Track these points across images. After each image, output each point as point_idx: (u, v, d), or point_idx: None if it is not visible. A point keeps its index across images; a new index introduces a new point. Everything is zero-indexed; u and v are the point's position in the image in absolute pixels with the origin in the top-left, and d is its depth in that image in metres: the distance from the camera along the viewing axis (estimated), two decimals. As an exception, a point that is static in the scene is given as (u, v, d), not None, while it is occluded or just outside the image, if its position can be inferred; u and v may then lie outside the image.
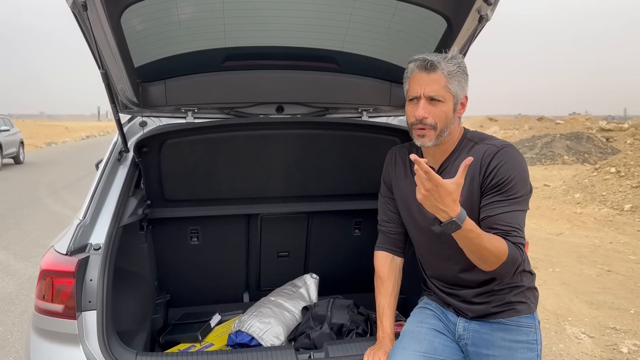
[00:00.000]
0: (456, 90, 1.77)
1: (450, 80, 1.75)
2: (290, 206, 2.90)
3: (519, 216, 1.72)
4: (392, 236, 2.10)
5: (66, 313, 1.88)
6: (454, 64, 1.75)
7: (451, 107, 1.78)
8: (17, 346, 3.96)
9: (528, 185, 1.77)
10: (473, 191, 1.79)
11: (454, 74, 1.75)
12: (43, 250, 6.24)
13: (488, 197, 1.76)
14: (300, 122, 2.65)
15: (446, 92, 1.76)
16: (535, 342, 1.86)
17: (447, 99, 1.77)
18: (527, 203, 1.76)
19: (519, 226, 1.71)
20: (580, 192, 11.04)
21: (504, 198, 1.73)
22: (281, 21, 2.30)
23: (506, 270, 1.71)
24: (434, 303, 2.06)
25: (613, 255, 6.77)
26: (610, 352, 3.95)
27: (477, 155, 1.78)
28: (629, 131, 21.11)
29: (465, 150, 1.84)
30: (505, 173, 1.72)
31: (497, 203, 1.74)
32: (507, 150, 1.77)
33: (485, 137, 1.87)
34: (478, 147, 1.82)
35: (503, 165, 1.73)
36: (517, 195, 1.72)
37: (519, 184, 1.72)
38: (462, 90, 1.79)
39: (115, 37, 2.04)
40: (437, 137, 1.79)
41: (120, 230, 2.19)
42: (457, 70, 1.75)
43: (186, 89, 2.51)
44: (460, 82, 1.77)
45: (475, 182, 1.78)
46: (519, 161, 1.77)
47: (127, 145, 2.45)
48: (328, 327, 2.39)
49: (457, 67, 1.76)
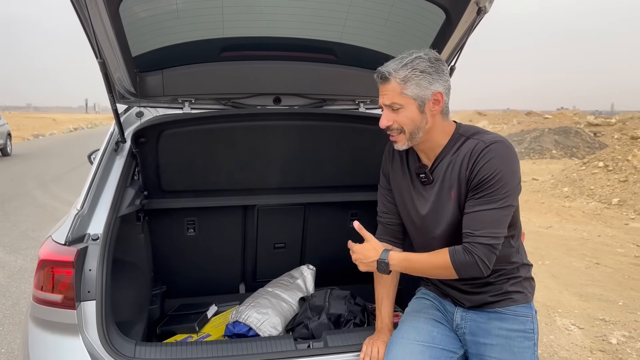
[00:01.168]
0: (415, 92, 1.77)
1: (406, 85, 1.77)
2: (287, 197, 2.91)
3: (494, 214, 1.72)
4: (391, 227, 2.12)
5: (65, 303, 1.87)
6: (407, 69, 1.76)
7: (415, 110, 1.79)
8: (9, 338, 3.93)
9: (514, 181, 1.74)
10: (463, 186, 1.80)
11: (409, 78, 1.76)
12: (32, 243, 6.20)
13: (470, 192, 1.77)
14: (297, 114, 2.65)
15: (402, 98, 1.78)
16: (532, 331, 1.89)
17: (407, 104, 1.78)
18: (510, 201, 1.73)
19: (487, 225, 1.71)
20: (569, 186, 11.15)
21: (481, 196, 1.73)
22: (280, 12, 2.30)
23: (468, 274, 1.75)
24: (432, 293, 2.09)
25: (601, 248, 6.86)
26: (600, 343, 4.01)
27: (466, 150, 1.79)
28: (616, 126, 21.31)
29: (457, 145, 1.84)
30: (490, 170, 1.72)
31: (473, 201, 1.75)
32: (494, 147, 1.75)
33: (477, 132, 1.85)
34: (469, 141, 1.81)
35: (487, 163, 1.72)
36: (497, 193, 1.71)
37: (501, 182, 1.71)
38: (426, 89, 1.77)
39: (114, 26, 2.02)
40: (409, 139, 1.85)
41: (118, 221, 2.18)
42: (411, 75, 1.76)
43: (183, 79, 2.50)
44: (420, 83, 1.76)
45: (463, 177, 1.79)
46: (506, 158, 1.74)
47: (124, 136, 2.44)
48: (326, 318, 2.40)
49: (412, 70, 1.76)
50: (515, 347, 1.85)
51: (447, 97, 1.82)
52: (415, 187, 1.95)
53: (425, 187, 1.91)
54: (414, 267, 1.85)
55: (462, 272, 1.75)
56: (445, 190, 1.84)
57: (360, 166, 2.84)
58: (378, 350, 1.93)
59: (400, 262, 1.86)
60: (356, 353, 1.98)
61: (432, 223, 1.90)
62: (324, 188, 2.92)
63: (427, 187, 1.91)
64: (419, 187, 1.94)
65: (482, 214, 1.72)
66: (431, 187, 1.89)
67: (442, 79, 1.79)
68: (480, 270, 1.73)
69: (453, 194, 1.82)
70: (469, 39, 2.38)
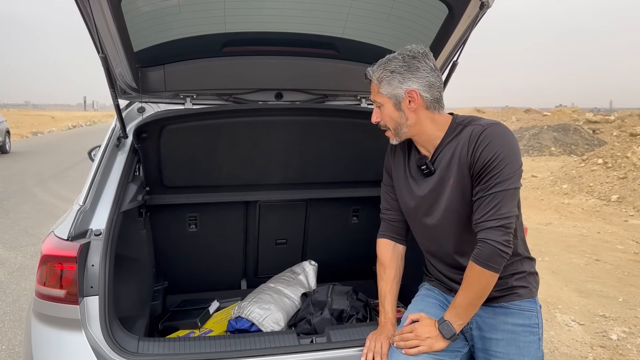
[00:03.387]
0: (388, 91, 1.85)
1: (380, 85, 1.87)
2: (289, 193, 2.90)
3: (501, 196, 1.71)
4: (394, 224, 2.12)
5: (68, 298, 1.86)
6: (379, 70, 1.86)
7: (391, 108, 1.87)
8: (10, 335, 3.93)
9: (516, 162, 1.75)
10: (463, 171, 1.80)
11: (382, 79, 1.85)
12: (32, 240, 6.19)
13: (476, 180, 1.77)
14: (299, 109, 2.64)
15: (379, 96, 1.88)
16: (537, 325, 1.89)
17: (383, 102, 1.88)
18: (514, 181, 1.73)
19: (494, 208, 1.71)
20: (568, 183, 11.16)
21: (486, 181, 1.74)
22: (281, 7, 2.29)
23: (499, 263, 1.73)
24: (436, 289, 2.08)
25: (601, 244, 6.87)
26: (600, 339, 4.01)
27: (465, 136, 1.81)
28: (615, 123, 21.32)
29: (454, 134, 1.86)
30: (490, 152, 1.72)
31: (479, 187, 1.76)
32: (492, 128, 1.77)
33: (474, 119, 1.87)
34: (466, 129, 1.83)
35: (487, 146, 1.73)
36: (501, 175, 1.71)
37: (503, 162, 1.71)
38: (397, 88, 1.83)
39: (116, 21, 2.01)
40: (396, 135, 1.93)
41: (120, 217, 2.18)
42: (383, 75, 1.85)
43: (185, 74, 2.49)
44: (391, 83, 1.83)
45: (463, 162, 1.79)
46: (505, 138, 1.75)
47: (126, 131, 2.43)
48: (329, 313, 2.40)
49: (383, 71, 1.85)
50: (520, 342, 1.86)
51: (427, 93, 1.83)
52: (417, 179, 1.96)
53: (427, 178, 1.92)
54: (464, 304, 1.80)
55: (494, 265, 1.72)
56: (445, 178, 1.85)
57: (362, 162, 2.84)
58: (382, 345, 1.92)
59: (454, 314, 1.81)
60: (359, 348, 1.97)
61: (433, 213, 1.91)
62: (326, 184, 2.92)
63: (428, 178, 1.91)
64: (421, 180, 1.95)
65: (487, 199, 1.73)
66: (432, 178, 1.90)
67: (416, 77, 1.82)
68: (504, 252, 1.71)
69: (452, 181, 1.83)
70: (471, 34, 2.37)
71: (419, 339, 1.83)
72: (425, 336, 1.82)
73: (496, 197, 1.71)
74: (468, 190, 1.81)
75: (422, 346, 1.81)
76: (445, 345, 1.82)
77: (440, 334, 1.81)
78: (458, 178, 1.81)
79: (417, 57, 1.83)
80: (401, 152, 2.05)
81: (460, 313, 1.81)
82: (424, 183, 1.92)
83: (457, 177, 1.81)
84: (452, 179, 1.82)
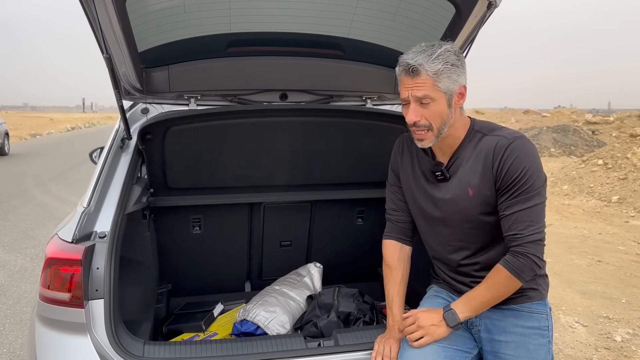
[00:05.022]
0: (447, 86, 1.73)
1: (438, 78, 1.71)
2: (294, 195, 2.88)
3: (534, 211, 1.71)
4: (400, 225, 2.09)
5: (73, 302, 1.84)
6: (439, 62, 1.71)
7: (444, 104, 1.74)
8: (10, 338, 3.90)
9: (542, 175, 1.75)
10: (485, 183, 1.77)
11: (441, 71, 1.71)
12: (32, 242, 6.14)
13: (504, 194, 1.75)
14: (304, 110, 2.62)
15: (435, 91, 1.72)
16: (547, 328, 1.87)
17: (438, 97, 1.73)
18: (542, 194, 1.74)
19: (531, 222, 1.71)
20: (568, 184, 11.15)
21: (516, 196, 1.72)
22: (287, 7, 2.27)
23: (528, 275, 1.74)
24: (445, 291, 2.06)
25: (602, 245, 6.85)
26: (605, 341, 4.00)
27: (487, 147, 1.77)
28: (614, 124, 21.34)
29: (473, 141, 1.82)
30: (518, 167, 1.71)
31: (509, 201, 1.73)
32: (518, 142, 1.74)
33: (494, 128, 1.83)
34: (488, 138, 1.79)
35: (515, 159, 1.71)
36: (531, 189, 1.71)
37: (532, 177, 1.71)
38: (455, 82, 1.74)
39: (120, 21, 1.99)
40: (436, 136, 1.79)
41: (125, 219, 2.16)
42: (443, 68, 1.71)
43: (190, 75, 2.47)
44: (451, 76, 1.72)
45: (487, 175, 1.76)
46: (531, 153, 1.74)
47: (130, 132, 2.41)
48: (335, 316, 2.38)
49: (444, 63, 1.71)
50: (530, 345, 1.84)
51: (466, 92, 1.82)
52: (428, 183, 1.93)
53: (440, 184, 1.88)
54: (480, 299, 1.79)
55: (524, 276, 1.74)
56: (463, 186, 1.82)
57: (368, 163, 2.82)
58: (391, 348, 1.90)
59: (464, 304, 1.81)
60: (368, 352, 1.95)
61: (447, 220, 1.88)
62: (331, 185, 2.90)
63: (442, 184, 1.88)
64: (433, 184, 1.91)
65: (523, 213, 1.71)
66: (447, 184, 1.86)
67: (465, 73, 1.79)
68: (538, 267, 1.73)
69: (471, 191, 1.80)
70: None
71: (421, 328, 1.81)
72: (428, 324, 1.81)
73: (532, 211, 1.71)
74: (490, 202, 1.78)
75: (425, 336, 1.80)
76: (447, 332, 1.80)
77: (444, 321, 1.80)
78: (479, 190, 1.78)
79: (462, 55, 1.79)
80: (408, 152, 2.02)
81: (472, 306, 1.80)
82: (438, 188, 1.89)
83: (477, 188, 1.78)
84: (472, 190, 1.79)
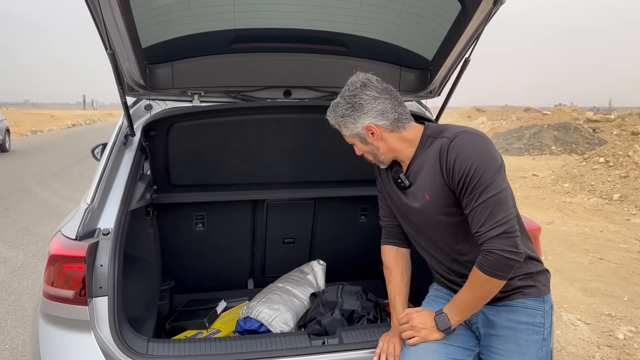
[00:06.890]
0: (351, 132, 1.88)
1: (341, 130, 1.91)
2: (297, 192, 2.88)
3: (490, 203, 1.66)
4: (392, 229, 2.12)
5: (77, 299, 1.83)
6: (334, 116, 1.89)
7: (360, 144, 1.91)
8: (12, 334, 3.90)
9: (493, 164, 1.69)
10: (440, 187, 1.77)
11: (339, 124, 1.89)
12: (34, 238, 6.14)
13: (460, 193, 1.73)
14: (308, 107, 2.60)
15: (347, 138, 1.93)
16: (541, 325, 1.84)
17: (353, 142, 1.92)
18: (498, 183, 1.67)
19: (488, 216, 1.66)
20: (570, 181, 11.13)
21: (470, 192, 1.69)
22: (291, 3, 2.26)
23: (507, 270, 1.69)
24: (444, 288, 2.06)
25: (604, 243, 6.85)
26: (607, 338, 3.99)
27: (435, 151, 1.79)
28: (615, 122, 21.30)
29: (425, 147, 1.84)
30: (463, 164, 1.69)
31: (465, 200, 1.72)
32: (458, 139, 1.72)
33: (442, 129, 1.83)
34: (436, 142, 1.81)
35: (457, 157, 1.70)
36: (482, 182, 1.66)
37: (480, 170, 1.66)
38: (354, 128, 1.85)
39: (124, 16, 1.97)
40: (379, 163, 1.96)
41: (128, 216, 2.15)
42: (337, 121, 1.89)
43: (193, 71, 2.46)
44: (347, 125, 1.86)
45: (439, 179, 1.77)
46: (474, 146, 1.71)
47: (134, 129, 2.39)
48: (339, 314, 2.37)
49: (335, 118, 1.89)
50: (521, 339, 1.82)
51: (382, 120, 1.82)
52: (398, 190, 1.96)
53: (405, 191, 1.92)
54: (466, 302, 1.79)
55: (500, 273, 1.69)
56: (422, 193, 1.84)
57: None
58: (394, 346, 1.90)
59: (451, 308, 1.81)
60: (372, 350, 1.95)
61: (419, 225, 1.93)
62: (334, 182, 2.89)
63: (406, 191, 1.91)
64: (401, 191, 1.95)
65: (478, 209, 1.68)
66: (410, 192, 1.89)
67: (363, 113, 1.82)
68: (511, 260, 1.67)
69: (428, 197, 1.81)
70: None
71: (414, 329, 1.84)
72: (420, 327, 1.83)
73: (487, 205, 1.67)
74: (450, 203, 1.78)
75: (416, 337, 1.83)
76: (440, 337, 1.82)
77: (436, 325, 1.81)
78: (435, 194, 1.79)
79: (357, 94, 1.83)
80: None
81: (459, 309, 1.80)
82: (405, 195, 1.92)
83: (434, 193, 1.79)
84: (428, 196, 1.81)
